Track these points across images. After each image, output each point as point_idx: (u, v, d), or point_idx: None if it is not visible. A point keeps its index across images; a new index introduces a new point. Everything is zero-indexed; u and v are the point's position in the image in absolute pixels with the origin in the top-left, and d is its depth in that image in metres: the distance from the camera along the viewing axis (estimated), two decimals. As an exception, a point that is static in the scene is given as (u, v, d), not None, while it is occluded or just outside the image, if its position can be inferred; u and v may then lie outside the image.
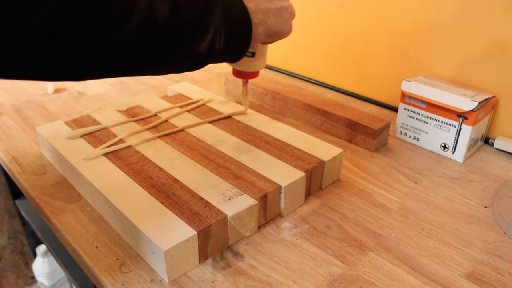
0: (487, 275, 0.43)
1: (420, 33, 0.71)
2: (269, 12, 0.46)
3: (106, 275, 0.42)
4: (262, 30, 0.46)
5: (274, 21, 0.47)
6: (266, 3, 0.47)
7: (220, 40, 0.42)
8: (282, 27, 0.48)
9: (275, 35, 0.48)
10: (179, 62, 0.41)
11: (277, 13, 0.47)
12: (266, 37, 0.48)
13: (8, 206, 1.28)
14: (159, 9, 0.35)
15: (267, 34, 0.47)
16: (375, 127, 0.64)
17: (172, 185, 0.48)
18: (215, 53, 0.43)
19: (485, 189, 0.57)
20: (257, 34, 0.46)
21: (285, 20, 0.48)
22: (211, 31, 0.41)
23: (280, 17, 0.47)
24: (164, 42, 0.38)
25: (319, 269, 0.43)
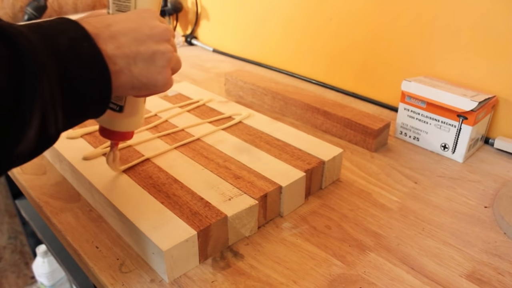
0: (487, 275, 0.43)
1: (420, 33, 0.71)
2: (137, 57, 0.35)
3: (106, 275, 0.42)
4: (124, 81, 0.34)
5: (143, 69, 0.35)
6: (134, 45, 0.35)
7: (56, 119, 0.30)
8: (155, 77, 0.36)
9: (145, 88, 0.36)
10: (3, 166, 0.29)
11: (148, 59, 0.35)
12: (131, 90, 0.36)
13: (8, 206, 1.28)
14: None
15: (132, 86, 0.35)
16: (375, 127, 0.64)
17: (172, 185, 0.48)
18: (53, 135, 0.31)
19: (485, 189, 0.57)
20: (119, 86, 0.34)
21: (160, 69, 0.36)
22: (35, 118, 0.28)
23: (152, 65, 0.36)
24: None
25: (319, 269, 0.43)
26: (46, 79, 0.28)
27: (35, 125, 0.28)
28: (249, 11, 1.01)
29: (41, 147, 0.31)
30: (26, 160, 0.31)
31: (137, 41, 0.35)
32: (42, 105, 0.28)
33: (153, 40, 0.36)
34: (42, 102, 0.28)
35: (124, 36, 0.34)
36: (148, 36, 0.36)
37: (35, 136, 0.29)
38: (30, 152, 0.30)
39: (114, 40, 0.34)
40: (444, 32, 0.68)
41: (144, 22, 0.36)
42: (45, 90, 0.28)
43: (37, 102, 0.28)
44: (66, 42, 0.30)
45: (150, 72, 0.36)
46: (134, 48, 0.35)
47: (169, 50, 0.37)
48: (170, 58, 0.37)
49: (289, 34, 0.93)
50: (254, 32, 1.02)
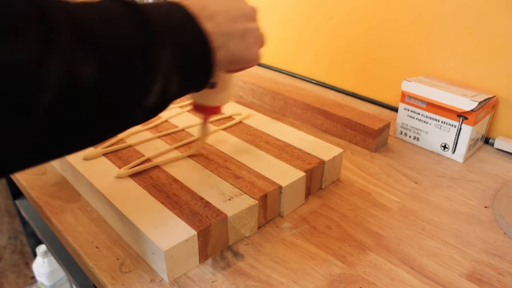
0: (487, 275, 0.43)
1: (420, 33, 0.71)
2: (232, 34, 0.38)
3: (106, 275, 0.42)
4: (223, 56, 0.38)
5: (237, 45, 0.39)
6: (229, 23, 0.39)
7: (174, 83, 0.35)
8: (247, 52, 0.40)
9: (239, 62, 0.40)
10: (124, 124, 0.33)
11: (241, 36, 0.39)
12: (228, 64, 0.39)
13: (8, 206, 1.28)
14: (81, 72, 0.27)
15: (229, 60, 0.39)
16: (375, 127, 0.64)
17: (172, 185, 0.48)
18: (170, 98, 0.36)
19: (485, 189, 0.57)
20: (218, 61, 0.38)
21: (251, 45, 0.40)
22: (160, 79, 0.33)
23: (245, 41, 0.40)
24: (98, 110, 0.29)
25: (319, 269, 0.43)
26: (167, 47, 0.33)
27: (159, 84, 0.33)
28: (249, 11, 1.01)
29: (160, 106, 0.35)
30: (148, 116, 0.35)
31: (231, 20, 0.39)
32: (165, 69, 0.33)
33: (244, 19, 0.40)
34: (164, 69, 0.33)
35: (219, 16, 0.38)
36: (240, 16, 0.40)
37: (159, 94, 0.33)
38: (153, 109, 0.35)
39: (212, 20, 0.37)
40: (444, 32, 0.68)
41: (234, 3, 0.40)
42: (166, 56, 0.33)
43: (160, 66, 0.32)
44: (177, 20, 0.34)
45: (243, 47, 0.40)
46: (229, 26, 0.38)
47: (257, 27, 0.41)
48: (258, 35, 0.41)
49: (289, 34, 0.93)
50: (254, 32, 1.02)
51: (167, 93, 0.34)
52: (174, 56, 0.33)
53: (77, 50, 0.26)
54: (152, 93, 0.32)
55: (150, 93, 0.32)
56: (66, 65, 0.25)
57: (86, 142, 0.32)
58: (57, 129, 0.27)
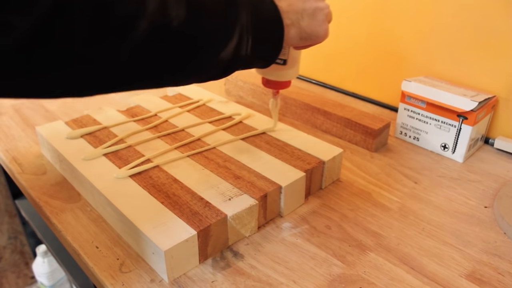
0: (487, 275, 0.43)
1: (420, 33, 0.71)
2: (303, 12, 0.42)
3: (106, 275, 0.42)
4: (294, 33, 0.42)
5: (308, 22, 0.42)
6: (300, 2, 0.42)
7: (247, 44, 0.38)
8: (317, 29, 0.43)
9: (309, 39, 0.43)
10: (199, 72, 0.37)
11: (312, 14, 0.42)
12: (299, 41, 0.43)
13: (8, 206, 1.28)
14: (173, 12, 0.31)
15: (300, 37, 0.43)
16: (375, 127, 0.64)
17: (172, 185, 0.48)
18: (241, 59, 0.38)
19: (485, 189, 0.57)
20: (289, 37, 0.42)
21: (321, 22, 0.43)
22: (236, 34, 0.36)
23: (315, 19, 0.43)
24: (180, 51, 0.33)
25: (319, 269, 0.43)
26: (246, 11, 0.37)
27: (235, 40, 0.36)
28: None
29: (234, 63, 0.38)
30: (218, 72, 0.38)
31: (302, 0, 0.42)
32: (241, 27, 0.36)
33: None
34: (241, 26, 0.36)
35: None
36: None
37: (233, 50, 0.37)
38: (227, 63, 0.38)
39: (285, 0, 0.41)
40: (444, 32, 0.68)
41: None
42: (244, 17, 0.37)
43: (238, 22, 0.36)
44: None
45: (313, 25, 0.43)
46: (301, 5, 0.42)
47: (326, 6, 0.44)
48: (327, 13, 0.44)
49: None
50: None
51: (240, 51, 0.37)
52: (250, 20, 0.37)
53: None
54: (228, 46, 0.36)
55: (227, 45, 0.36)
56: (160, 4, 0.30)
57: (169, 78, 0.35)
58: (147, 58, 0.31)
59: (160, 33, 0.31)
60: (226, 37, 0.36)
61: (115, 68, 0.30)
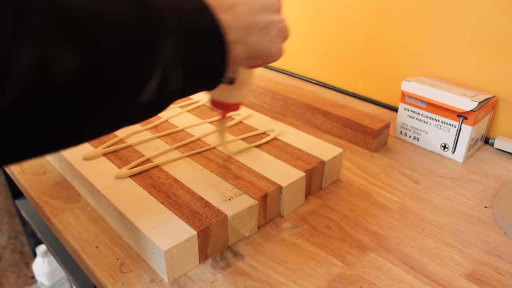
0: (487, 275, 0.43)
1: (420, 33, 0.71)
2: (253, 27, 0.35)
3: (106, 275, 0.42)
4: (241, 51, 0.35)
5: (258, 39, 0.36)
6: (249, 15, 0.35)
7: (176, 78, 0.31)
8: (269, 47, 0.37)
9: (259, 58, 0.37)
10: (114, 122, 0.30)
11: (263, 29, 0.36)
12: (248, 60, 0.36)
13: (8, 206, 1.28)
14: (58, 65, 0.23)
15: (248, 56, 0.36)
16: (375, 127, 0.64)
17: (172, 185, 0.48)
18: (171, 94, 0.32)
19: (485, 189, 0.57)
20: (235, 56, 0.35)
21: (274, 39, 0.37)
22: (158, 71, 0.29)
23: (266, 35, 0.36)
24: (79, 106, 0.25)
25: (319, 269, 0.43)
26: (172, 38, 0.30)
27: (157, 78, 0.29)
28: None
29: (160, 102, 0.32)
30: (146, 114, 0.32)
31: (252, 11, 0.36)
32: (165, 61, 0.29)
33: (266, 10, 0.37)
34: (164, 61, 0.29)
35: (240, 7, 0.35)
36: (262, 7, 0.36)
37: (156, 89, 0.30)
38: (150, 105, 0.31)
39: (231, 11, 0.34)
40: (444, 32, 0.68)
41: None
42: (168, 51, 0.29)
43: (160, 57, 0.29)
44: (190, 9, 0.31)
45: (265, 41, 0.36)
46: (250, 18, 0.35)
47: (280, 19, 0.38)
48: (282, 27, 0.38)
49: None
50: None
51: (167, 88, 0.31)
52: (180, 47, 0.30)
53: (54, 40, 0.23)
54: (148, 87, 0.29)
55: (145, 88, 0.29)
56: (38, 59, 0.22)
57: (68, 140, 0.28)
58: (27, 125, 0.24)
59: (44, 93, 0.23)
60: (143, 79, 0.28)
61: None
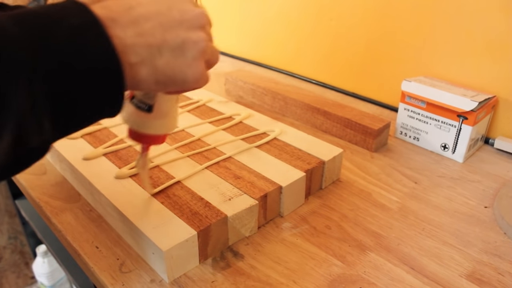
0: (487, 275, 0.43)
1: (420, 33, 0.71)
2: (162, 46, 0.29)
3: (106, 275, 0.42)
4: (146, 74, 0.29)
5: (169, 61, 0.30)
6: (159, 32, 0.29)
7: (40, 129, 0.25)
8: (183, 71, 0.30)
9: (171, 83, 0.31)
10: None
11: (176, 49, 0.30)
12: (155, 85, 0.30)
13: (8, 206, 1.28)
14: None
15: (156, 80, 0.30)
16: (375, 127, 0.64)
17: (172, 185, 0.48)
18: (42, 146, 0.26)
19: (485, 189, 0.57)
20: (138, 81, 0.29)
21: (190, 61, 0.31)
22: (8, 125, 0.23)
23: (181, 56, 0.30)
24: None
25: (319, 269, 0.43)
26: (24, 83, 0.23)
27: (7, 138, 0.23)
28: (249, 11, 1.01)
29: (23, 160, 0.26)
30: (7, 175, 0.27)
31: (163, 27, 0.29)
32: (16, 115, 0.23)
33: (183, 26, 0.30)
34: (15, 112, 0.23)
35: (148, 21, 0.29)
36: (178, 22, 0.30)
37: (8, 150, 0.24)
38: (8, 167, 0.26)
39: (135, 26, 0.28)
40: (444, 32, 0.68)
41: (173, 5, 0.30)
42: (19, 97, 0.23)
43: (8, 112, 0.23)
44: (65, 31, 0.25)
45: (178, 64, 0.30)
46: (160, 35, 0.29)
47: (202, 38, 0.31)
48: (203, 48, 0.31)
49: (289, 34, 0.93)
50: (254, 33, 1.02)
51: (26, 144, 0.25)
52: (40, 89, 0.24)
53: None
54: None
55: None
56: None
57: None
58: None
59: None
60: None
61: None
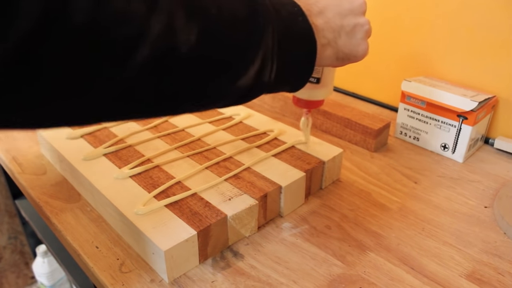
0: (487, 275, 0.43)
1: (420, 33, 0.71)
2: (341, 30, 0.38)
3: (106, 275, 0.42)
4: (330, 53, 0.38)
5: (346, 41, 0.38)
6: (338, 19, 0.38)
7: (270, 70, 0.33)
8: (355, 48, 0.39)
9: (347, 58, 0.40)
10: (212, 101, 0.33)
11: (350, 31, 0.39)
12: (336, 61, 0.39)
13: (8, 206, 1.28)
14: (182, 37, 0.26)
15: (337, 57, 0.39)
16: (375, 127, 0.64)
17: (172, 185, 0.48)
18: (263, 86, 0.34)
19: (485, 189, 0.57)
20: (325, 58, 0.38)
21: (360, 40, 0.40)
22: (258, 59, 0.32)
23: (353, 37, 0.39)
24: (190, 79, 0.29)
25: (319, 269, 0.43)
26: (271, 32, 0.32)
27: (256, 66, 0.32)
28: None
29: (255, 90, 0.34)
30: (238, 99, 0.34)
31: (340, 15, 0.38)
32: (264, 51, 0.32)
33: (353, 13, 0.39)
34: (265, 49, 0.32)
35: (329, 11, 0.37)
36: (349, 10, 0.39)
37: (254, 76, 0.32)
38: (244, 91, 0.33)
39: (322, 15, 0.37)
40: (444, 32, 0.68)
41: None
42: (269, 40, 0.32)
43: (261, 46, 0.32)
44: (286, 13, 0.34)
45: (352, 43, 0.39)
46: (339, 22, 0.38)
47: (366, 22, 0.40)
48: (367, 29, 0.40)
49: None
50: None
51: (262, 78, 0.33)
52: (276, 43, 0.33)
53: (180, 14, 0.26)
54: (248, 73, 0.32)
55: (246, 72, 0.31)
56: (167, 27, 0.25)
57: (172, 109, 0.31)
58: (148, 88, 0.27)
59: (165, 60, 0.26)
60: (246, 63, 0.31)
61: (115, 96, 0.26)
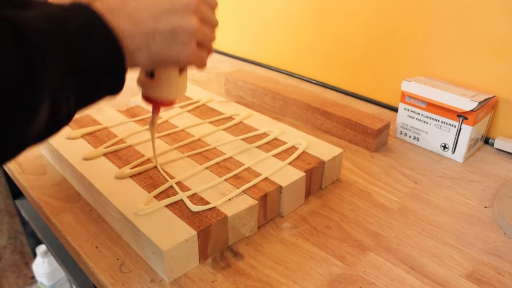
0: (487, 275, 0.43)
1: (420, 33, 0.71)
2: (155, 33, 0.33)
3: (106, 275, 0.42)
4: (143, 58, 0.34)
5: (162, 45, 0.34)
6: (152, 20, 0.33)
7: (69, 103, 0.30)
8: (175, 54, 0.35)
9: (166, 62, 0.36)
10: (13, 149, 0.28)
11: (169, 34, 0.34)
12: (151, 65, 0.35)
13: (8, 206, 1.28)
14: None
15: (151, 61, 0.35)
16: (375, 127, 0.64)
17: (172, 185, 0.48)
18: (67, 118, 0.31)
19: (485, 189, 0.57)
20: (136, 63, 0.34)
21: (180, 46, 0.35)
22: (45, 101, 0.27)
23: (173, 40, 0.34)
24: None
25: (319, 269, 0.43)
26: (55, 67, 0.27)
27: (45, 112, 0.28)
28: (248, 11, 1.01)
29: (52, 129, 0.31)
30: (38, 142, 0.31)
31: (155, 16, 0.33)
32: (51, 93, 0.28)
33: (173, 14, 0.34)
34: (51, 90, 0.27)
35: (141, 12, 0.33)
36: (168, 11, 0.34)
37: (45, 122, 0.28)
38: (41, 135, 0.30)
39: (131, 17, 0.32)
40: (444, 32, 0.68)
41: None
42: (54, 78, 0.27)
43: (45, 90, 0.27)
44: (77, 29, 0.29)
45: (170, 48, 0.35)
46: (152, 24, 0.33)
47: (191, 24, 0.35)
48: (193, 32, 0.35)
49: (289, 34, 0.93)
50: (254, 32, 1.02)
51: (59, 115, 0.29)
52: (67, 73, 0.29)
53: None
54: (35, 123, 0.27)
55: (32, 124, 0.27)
56: None
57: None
58: None
59: None
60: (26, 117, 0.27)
61: None
